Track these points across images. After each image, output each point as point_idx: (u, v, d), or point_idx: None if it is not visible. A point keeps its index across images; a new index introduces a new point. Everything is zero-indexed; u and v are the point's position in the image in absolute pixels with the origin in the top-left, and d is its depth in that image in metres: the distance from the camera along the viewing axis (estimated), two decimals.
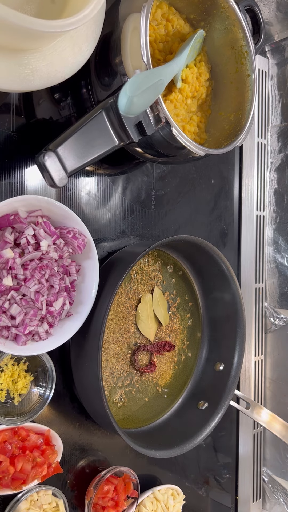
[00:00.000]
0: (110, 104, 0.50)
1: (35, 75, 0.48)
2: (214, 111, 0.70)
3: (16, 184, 0.60)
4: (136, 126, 0.53)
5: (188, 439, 0.71)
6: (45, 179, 0.48)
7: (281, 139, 0.94)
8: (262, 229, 0.95)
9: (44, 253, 0.54)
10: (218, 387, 0.76)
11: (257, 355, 0.94)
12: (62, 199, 0.65)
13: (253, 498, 0.93)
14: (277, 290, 0.94)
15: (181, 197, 0.80)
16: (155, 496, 0.74)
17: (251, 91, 0.65)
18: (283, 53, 0.93)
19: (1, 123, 0.58)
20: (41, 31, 0.40)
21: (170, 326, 0.78)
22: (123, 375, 0.72)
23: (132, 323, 0.72)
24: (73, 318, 0.59)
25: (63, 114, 0.63)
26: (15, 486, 0.57)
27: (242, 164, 0.92)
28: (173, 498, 0.76)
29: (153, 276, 0.75)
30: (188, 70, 0.63)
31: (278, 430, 0.76)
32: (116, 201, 0.71)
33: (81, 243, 0.57)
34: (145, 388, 0.75)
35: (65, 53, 0.50)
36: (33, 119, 0.61)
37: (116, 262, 0.65)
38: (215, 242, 0.87)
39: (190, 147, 0.57)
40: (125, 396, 0.72)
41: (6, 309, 0.53)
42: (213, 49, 0.68)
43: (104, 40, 0.55)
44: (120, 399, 0.72)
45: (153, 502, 0.73)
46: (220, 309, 0.79)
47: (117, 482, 0.67)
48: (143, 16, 0.51)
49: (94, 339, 0.58)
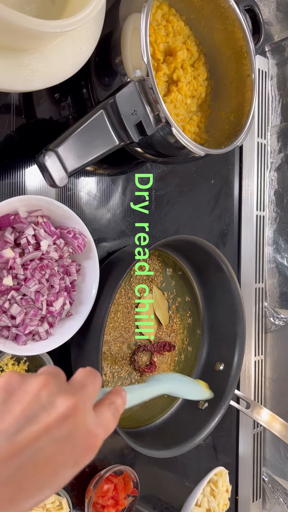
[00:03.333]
0: (110, 104, 0.51)
1: (35, 75, 0.48)
2: (214, 111, 0.70)
3: (16, 184, 0.60)
4: (136, 126, 0.53)
5: (188, 439, 0.71)
6: (45, 179, 0.48)
7: (281, 139, 0.94)
8: (262, 229, 0.95)
9: (44, 253, 0.54)
10: (218, 387, 0.76)
11: (257, 355, 0.94)
12: (62, 199, 0.65)
13: (253, 498, 0.93)
14: (277, 290, 0.94)
15: (181, 197, 0.80)
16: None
17: (251, 91, 0.65)
18: (283, 53, 0.93)
19: (1, 123, 0.58)
20: (41, 31, 0.40)
21: (170, 326, 0.78)
22: (123, 375, 0.72)
23: (132, 323, 0.72)
24: (73, 318, 0.59)
25: (63, 114, 0.63)
26: None
27: (242, 164, 0.92)
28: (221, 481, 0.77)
29: (153, 276, 0.75)
30: (182, 71, 0.63)
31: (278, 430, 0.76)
32: (116, 201, 0.71)
33: (81, 243, 0.57)
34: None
35: (65, 53, 0.50)
36: (33, 119, 0.61)
37: (116, 262, 0.65)
38: (215, 242, 0.87)
39: (190, 147, 0.57)
40: None
41: (6, 309, 0.53)
42: (213, 49, 0.68)
43: (104, 40, 0.56)
44: None
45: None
46: (220, 309, 0.79)
47: (116, 481, 0.67)
48: (143, 16, 0.51)
49: (94, 339, 0.58)
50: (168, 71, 0.63)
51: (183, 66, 0.64)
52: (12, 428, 0.28)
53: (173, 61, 0.62)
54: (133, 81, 0.51)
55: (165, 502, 0.80)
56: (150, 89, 0.52)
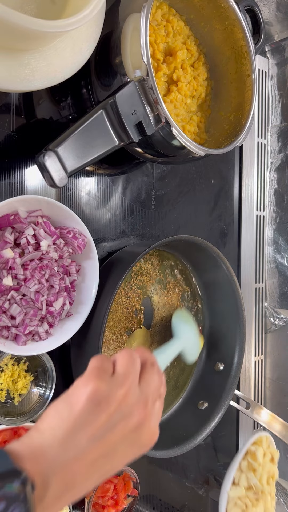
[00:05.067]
0: (110, 104, 0.50)
1: (35, 75, 0.48)
2: (214, 111, 0.70)
3: (16, 184, 0.60)
4: (136, 126, 0.53)
5: (188, 439, 0.71)
6: (45, 179, 0.48)
7: (281, 139, 0.94)
8: (262, 229, 0.95)
9: (44, 253, 0.54)
10: (218, 387, 0.76)
11: (257, 355, 0.94)
12: (62, 199, 0.65)
13: None
14: (277, 290, 0.94)
15: (181, 197, 0.80)
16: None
17: (251, 91, 0.65)
18: (283, 53, 0.93)
19: (1, 123, 0.58)
20: (41, 31, 0.40)
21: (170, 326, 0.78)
22: None
23: (132, 323, 0.72)
24: (73, 318, 0.59)
25: (63, 114, 0.63)
26: None
27: (242, 164, 0.92)
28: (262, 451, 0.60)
29: (153, 276, 0.75)
30: (182, 71, 0.63)
31: (278, 430, 0.76)
32: (116, 201, 0.71)
33: (81, 243, 0.57)
34: None
35: (65, 53, 0.50)
36: (33, 119, 0.61)
37: (116, 262, 0.65)
38: (215, 242, 0.87)
39: (190, 147, 0.57)
40: None
41: (6, 309, 0.53)
42: (213, 49, 0.68)
43: (104, 40, 0.55)
44: None
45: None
46: (220, 309, 0.80)
47: (116, 481, 0.67)
48: (143, 16, 0.51)
49: (94, 339, 0.58)
50: (168, 71, 0.63)
51: (183, 66, 0.64)
52: (98, 433, 0.35)
53: (173, 61, 0.62)
54: (133, 81, 0.51)
55: (165, 502, 0.80)
56: (150, 89, 0.52)
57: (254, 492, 0.57)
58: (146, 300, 0.74)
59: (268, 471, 0.61)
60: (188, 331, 0.68)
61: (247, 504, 0.57)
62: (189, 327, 0.69)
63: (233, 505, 0.57)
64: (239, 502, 0.57)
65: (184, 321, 0.70)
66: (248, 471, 0.61)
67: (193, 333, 0.69)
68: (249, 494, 0.57)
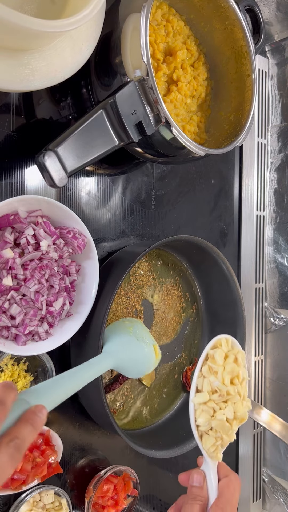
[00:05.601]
0: (110, 104, 0.50)
1: (35, 75, 0.48)
2: (214, 111, 0.70)
3: (16, 184, 0.60)
4: (136, 126, 0.53)
5: (188, 439, 0.71)
6: (45, 179, 0.48)
7: (281, 139, 0.94)
8: (262, 229, 0.95)
9: (44, 253, 0.54)
10: None
11: (257, 355, 0.94)
12: (62, 199, 0.65)
13: (253, 498, 0.93)
14: (277, 290, 0.94)
15: (181, 197, 0.80)
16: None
17: (251, 91, 0.65)
18: (283, 53, 0.93)
19: (1, 123, 0.58)
20: (41, 31, 0.40)
21: (170, 326, 0.78)
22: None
23: None
24: (73, 318, 0.59)
25: (63, 114, 0.63)
26: (15, 486, 0.57)
27: (242, 164, 0.92)
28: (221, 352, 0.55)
29: (153, 277, 0.75)
30: (182, 71, 0.63)
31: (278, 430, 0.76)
32: (116, 201, 0.71)
33: (81, 243, 0.57)
34: (145, 388, 0.75)
35: (65, 53, 0.50)
36: (33, 119, 0.61)
37: (116, 262, 0.65)
38: (215, 242, 0.87)
39: (190, 147, 0.57)
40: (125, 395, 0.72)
41: (6, 309, 0.53)
42: (213, 49, 0.68)
43: (104, 40, 0.55)
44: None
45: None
46: (220, 309, 0.79)
47: (116, 481, 0.67)
48: (143, 16, 0.51)
49: (94, 339, 0.58)
50: (168, 71, 0.63)
51: (183, 66, 0.64)
52: None
53: (173, 61, 0.62)
54: (133, 81, 0.51)
55: (165, 502, 0.80)
56: (150, 89, 0.52)
57: (220, 394, 0.53)
58: (146, 300, 0.74)
59: (231, 371, 0.55)
60: (120, 344, 0.60)
61: (214, 408, 0.54)
62: (123, 340, 0.61)
63: (200, 412, 0.54)
64: (205, 407, 0.53)
65: (118, 334, 0.62)
66: (209, 375, 0.55)
67: (127, 347, 0.60)
68: (214, 398, 0.53)
